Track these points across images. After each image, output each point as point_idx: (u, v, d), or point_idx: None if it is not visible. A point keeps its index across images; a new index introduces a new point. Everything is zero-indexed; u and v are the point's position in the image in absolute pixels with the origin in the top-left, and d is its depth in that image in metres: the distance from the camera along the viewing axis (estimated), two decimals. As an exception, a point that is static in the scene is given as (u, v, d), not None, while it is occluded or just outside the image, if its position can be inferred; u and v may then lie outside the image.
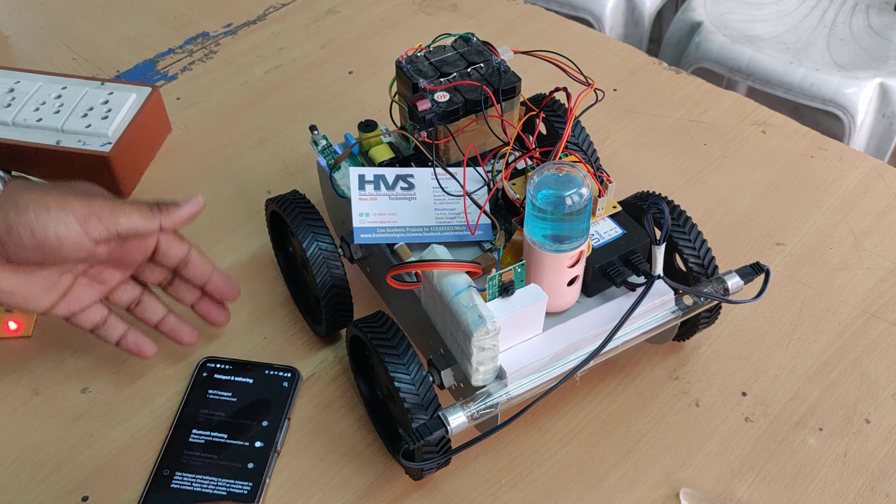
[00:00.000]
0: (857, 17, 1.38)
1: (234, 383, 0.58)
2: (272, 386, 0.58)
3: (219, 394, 0.58)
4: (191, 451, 0.55)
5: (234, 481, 0.53)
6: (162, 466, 0.54)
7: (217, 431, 0.56)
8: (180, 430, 0.56)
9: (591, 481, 0.54)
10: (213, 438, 0.56)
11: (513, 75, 0.58)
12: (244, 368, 0.59)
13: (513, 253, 0.53)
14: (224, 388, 0.58)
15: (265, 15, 0.97)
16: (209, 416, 0.57)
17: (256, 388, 0.58)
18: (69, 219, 0.50)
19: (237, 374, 0.59)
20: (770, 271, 0.53)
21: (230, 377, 0.58)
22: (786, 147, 0.78)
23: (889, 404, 0.58)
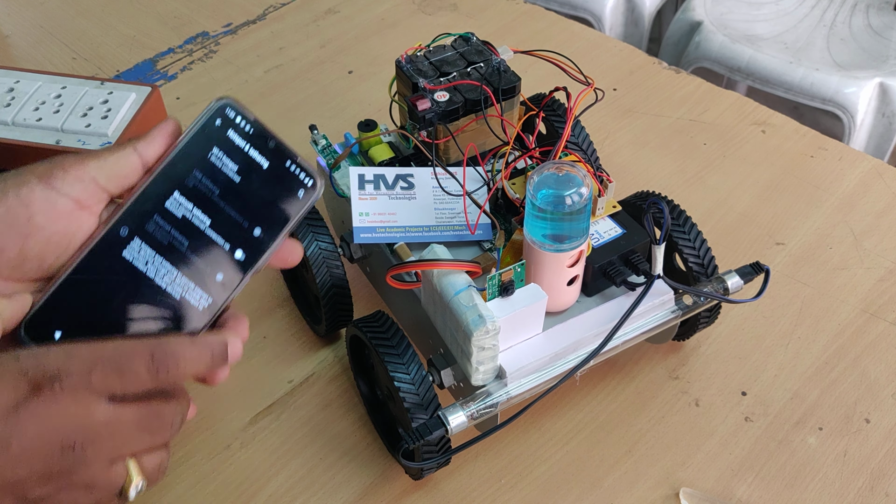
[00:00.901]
0: (856, 17, 1.38)
1: (246, 157, 0.43)
2: (285, 186, 0.43)
3: (222, 160, 0.43)
4: (164, 218, 0.42)
5: (194, 287, 0.42)
6: (123, 222, 0.41)
7: (201, 210, 0.42)
8: (164, 183, 0.42)
9: (590, 481, 0.54)
10: (194, 218, 0.42)
11: (512, 75, 0.58)
12: (264, 142, 0.43)
13: (513, 252, 0.53)
14: (231, 156, 0.43)
15: (265, 14, 0.97)
16: (200, 184, 0.43)
17: (267, 179, 0.43)
18: (29, 179, 0.40)
19: (254, 146, 0.43)
20: (770, 271, 0.53)
21: (245, 145, 0.43)
22: (786, 147, 0.78)
23: (889, 404, 0.58)
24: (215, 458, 0.56)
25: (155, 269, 0.41)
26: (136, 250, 0.41)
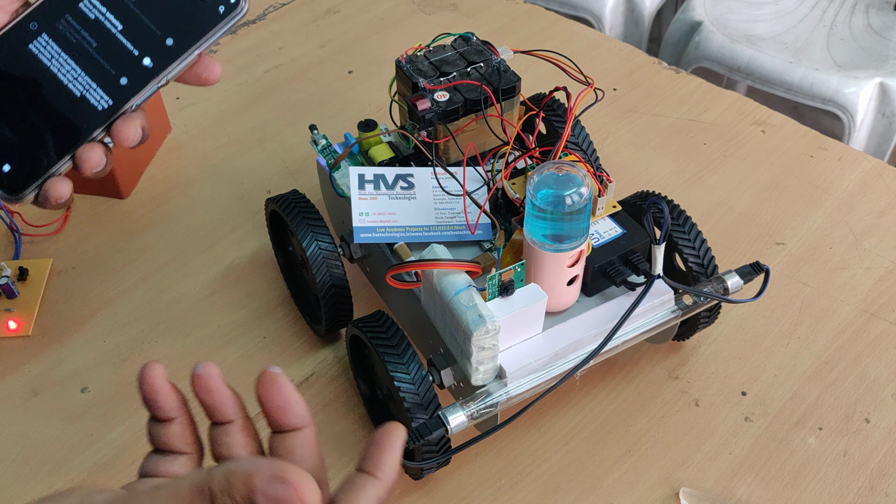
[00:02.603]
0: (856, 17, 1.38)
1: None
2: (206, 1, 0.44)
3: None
4: (75, 18, 0.43)
5: (96, 87, 0.43)
6: (33, 18, 0.42)
7: (114, 15, 0.43)
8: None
9: (590, 481, 0.54)
10: (105, 21, 0.43)
11: (512, 75, 0.58)
12: None
13: (512, 252, 0.53)
14: None
15: (265, 14, 0.97)
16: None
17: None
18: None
19: None
20: (770, 271, 0.53)
21: None
22: (785, 147, 0.78)
23: (889, 404, 0.58)
24: (215, 457, 0.56)
25: (59, 65, 0.42)
26: (43, 45, 0.42)
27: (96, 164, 0.42)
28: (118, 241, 0.70)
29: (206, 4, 0.43)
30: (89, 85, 0.42)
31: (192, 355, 0.62)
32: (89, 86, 0.42)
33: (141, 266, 0.68)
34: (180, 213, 0.73)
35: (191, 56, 0.43)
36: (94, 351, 0.62)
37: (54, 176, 0.42)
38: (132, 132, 0.43)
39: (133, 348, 0.63)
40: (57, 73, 0.42)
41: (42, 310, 0.65)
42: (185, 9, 0.43)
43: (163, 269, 0.68)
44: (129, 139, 0.42)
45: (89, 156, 0.42)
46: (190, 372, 0.57)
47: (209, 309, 0.65)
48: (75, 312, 0.65)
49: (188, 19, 0.43)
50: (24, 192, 0.42)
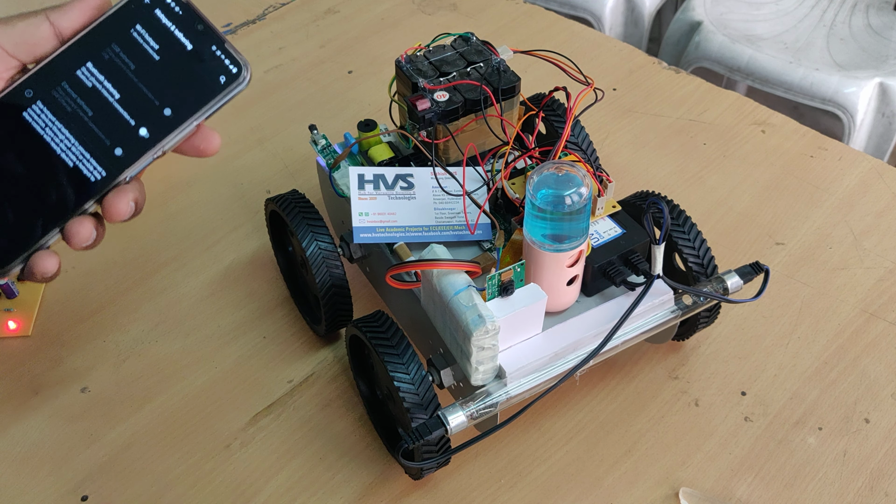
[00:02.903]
0: (856, 17, 1.38)
1: (169, 37, 0.42)
2: (207, 70, 0.43)
3: (144, 38, 0.42)
4: (71, 86, 0.42)
5: (89, 158, 0.41)
6: (29, 84, 0.41)
7: (112, 83, 0.42)
8: (79, 53, 0.42)
9: (590, 481, 0.54)
10: (103, 90, 0.42)
11: (512, 75, 0.58)
12: (192, 24, 0.42)
13: (512, 252, 0.53)
14: (155, 35, 0.42)
15: (264, 14, 0.97)
16: (116, 58, 0.42)
17: (189, 61, 0.42)
18: None
19: (181, 27, 0.42)
20: (769, 271, 0.53)
21: (171, 25, 0.42)
22: (785, 147, 0.78)
23: (888, 404, 0.58)
24: (215, 458, 0.56)
25: (53, 133, 0.41)
26: (37, 113, 0.41)
27: (85, 238, 0.41)
28: (118, 241, 0.70)
29: (207, 74, 0.42)
30: (83, 155, 0.41)
31: (192, 355, 0.62)
32: (83, 156, 0.41)
33: (141, 266, 0.68)
34: (180, 213, 0.73)
35: (189, 127, 0.42)
36: (94, 351, 0.62)
37: (41, 249, 0.41)
38: (124, 206, 0.41)
39: (133, 348, 0.63)
40: (50, 141, 0.41)
41: (42, 310, 0.65)
42: (185, 79, 0.42)
43: (163, 269, 0.68)
44: (120, 213, 0.41)
45: (78, 230, 0.41)
46: (189, 374, 0.56)
47: (209, 309, 0.65)
48: (75, 312, 0.65)
49: (188, 89, 0.42)
50: (8, 266, 0.41)
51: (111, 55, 0.42)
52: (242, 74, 0.42)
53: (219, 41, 0.42)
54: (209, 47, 0.42)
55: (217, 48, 0.42)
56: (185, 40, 0.42)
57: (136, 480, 0.55)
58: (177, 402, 0.59)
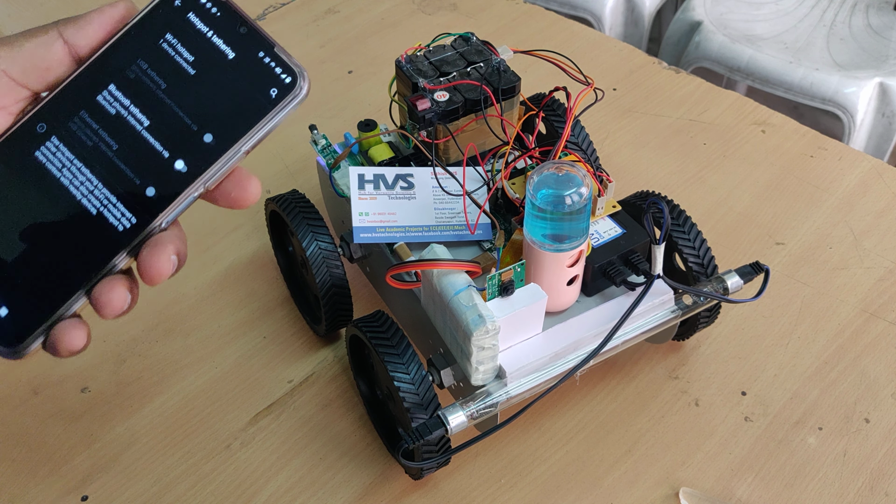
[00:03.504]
0: (856, 17, 1.38)
1: (207, 45, 0.35)
2: (254, 83, 0.35)
3: (176, 48, 0.35)
4: (92, 115, 0.35)
5: (116, 202, 0.34)
6: (41, 117, 0.35)
7: (140, 108, 0.35)
8: (99, 74, 0.35)
9: (590, 480, 0.54)
10: (129, 117, 0.35)
11: (512, 75, 0.58)
12: (233, 26, 0.35)
13: (512, 252, 0.53)
14: (188, 44, 0.35)
15: (264, 14, 0.97)
16: (143, 76, 0.35)
17: (231, 73, 0.35)
18: None
19: (219, 31, 0.35)
20: (769, 271, 0.53)
21: (207, 30, 0.35)
22: (785, 147, 0.78)
23: (888, 403, 0.58)
24: (215, 458, 0.56)
25: (71, 175, 0.34)
26: (52, 151, 0.34)
27: (118, 306, 0.33)
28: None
29: (254, 88, 0.34)
30: (108, 199, 0.34)
31: (192, 355, 0.62)
32: (108, 200, 0.34)
33: (141, 266, 0.68)
34: (180, 213, 0.73)
35: (236, 155, 0.34)
36: (94, 351, 0.62)
37: (64, 319, 0.34)
38: (164, 263, 0.33)
39: (133, 348, 0.63)
40: (69, 185, 0.34)
41: (42, 310, 0.65)
42: (228, 95, 0.35)
43: (163, 269, 0.68)
44: (160, 272, 0.33)
45: (109, 297, 0.33)
46: (189, 374, 0.55)
47: (209, 309, 0.65)
48: (75, 312, 0.65)
49: (232, 108, 0.34)
50: (25, 342, 0.33)
51: (138, 73, 0.35)
52: (298, 84, 0.35)
53: (267, 45, 0.35)
54: (255, 54, 0.35)
55: (265, 54, 0.35)
56: (226, 47, 0.35)
57: (136, 480, 0.55)
58: (177, 402, 0.59)
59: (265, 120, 0.34)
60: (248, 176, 0.35)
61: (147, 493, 0.55)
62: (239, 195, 0.35)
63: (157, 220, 0.34)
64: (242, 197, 0.35)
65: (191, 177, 0.34)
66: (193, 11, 0.35)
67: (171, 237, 0.34)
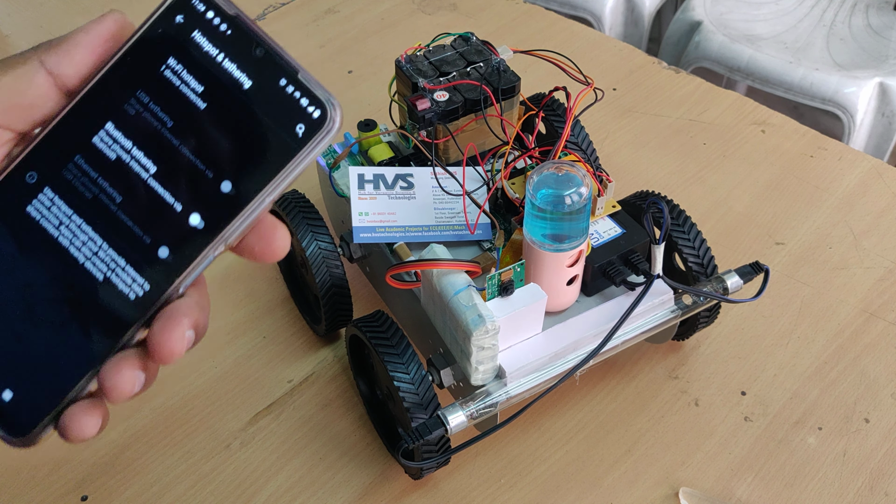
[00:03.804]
0: (856, 17, 1.38)
1: (217, 72, 0.29)
2: (277, 117, 0.29)
3: (182, 77, 0.29)
4: (89, 161, 0.29)
5: (124, 266, 0.29)
6: (30, 166, 0.29)
7: (144, 151, 0.29)
8: (93, 111, 0.30)
9: (590, 480, 0.54)
10: (132, 162, 0.29)
11: (512, 74, 0.58)
12: (248, 48, 0.29)
13: (512, 252, 0.53)
14: (195, 71, 0.29)
15: (264, 14, 0.97)
16: (145, 112, 0.29)
17: (249, 106, 0.29)
18: None
19: (232, 55, 0.29)
20: (769, 270, 0.53)
21: (217, 53, 0.29)
22: (785, 146, 0.78)
23: (888, 403, 0.58)
24: (215, 457, 0.56)
25: (70, 234, 0.29)
26: (45, 206, 0.29)
27: (128, 389, 0.28)
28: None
29: (277, 123, 0.29)
30: (114, 262, 0.29)
31: (191, 355, 0.62)
32: (114, 263, 0.29)
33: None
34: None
35: (260, 205, 0.29)
36: (94, 351, 0.62)
37: (75, 402, 0.29)
38: (177, 340, 0.28)
39: (133, 348, 0.62)
40: (68, 245, 0.29)
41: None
42: (247, 134, 0.29)
43: (163, 269, 0.68)
44: (173, 349, 0.28)
45: (116, 379, 0.28)
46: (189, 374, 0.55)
47: (209, 309, 0.65)
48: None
49: (252, 150, 0.29)
50: (33, 432, 0.30)
51: (138, 109, 0.29)
52: (329, 116, 0.29)
53: (290, 71, 0.29)
54: (276, 82, 0.29)
55: (288, 82, 0.29)
56: (241, 74, 0.29)
57: (136, 480, 0.55)
58: (177, 402, 0.59)
59: (292, 163, 0.29)
60: (274, 225, 0.29)
61: (147, 492, 0.55)
62: (264, 250, 0.29)
63: (172, 286, 0.29)
64: (268, 252, 0.29)
65: (209, 234, 0.29)
66: (200, 30, 0.29)
67: (189, 306, 0.29)
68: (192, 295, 0.29)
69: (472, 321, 0.46)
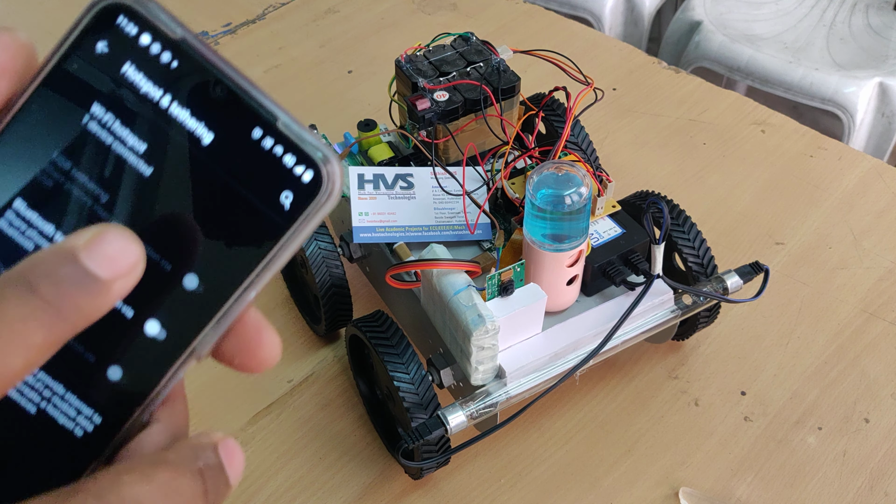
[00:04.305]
0: (856, 17, 1.38)
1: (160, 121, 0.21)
2: (254, 185, 0.21)
3: (113, 131, 0.21)
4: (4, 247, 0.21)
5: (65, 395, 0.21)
6: None
7: None
8: None
9: (590, 480, 0.54)
10: None
11: (512, 74, 0.58)
12: (205, 86, 0.21)
13: (512, 252, 0.53)
14: (131, 124, 0.21)
15: (264, 14, 0.97)
16: (67, 183, 0.21)
17: (214, 168, 0.21)
18: None
19: (182, 97, 0.21)
20: (769, 270, 0.53)
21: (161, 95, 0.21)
22: (785, 146, 0.78)
23: (888, 403, 0.58)
24: (215, 457, 0.56)
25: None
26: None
27: None
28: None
29: (255, 195, 0.21)
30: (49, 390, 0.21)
31: (191, 355, 0.62)
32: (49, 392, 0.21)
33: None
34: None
35: (239, 305, 0.22)
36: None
37: None
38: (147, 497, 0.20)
39: (133, 348, 0.62)
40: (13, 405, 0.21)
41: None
42: (215, 210, 0.21)
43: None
44: None
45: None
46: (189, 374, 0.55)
47: (209, 309, 0.65)
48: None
49: (223, 231, 0.21)
50: None
51: (57, 179, 0.21)
52: (326, 181, 0.21)
53: (265, 117, 0.21)
54: (247, 133, 0.21)
55: (265, 132, 0.21)
56: (196, 125, 0.21)
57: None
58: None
59: (279, 246, 0.21)
60: (259, 329, 0.23)
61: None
62: (246, 361, 0.23)
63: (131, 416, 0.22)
64: (252, 363, 0.23)
65: (173, 346, 0.22)
66: (133, 63, 0.21)
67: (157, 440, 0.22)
68: (161, 419, 0.22)
69: (472, 321, 0.46)
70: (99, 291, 0.19)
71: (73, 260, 0.18)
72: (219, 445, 0.21)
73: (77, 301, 0.18)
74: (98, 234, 0.19)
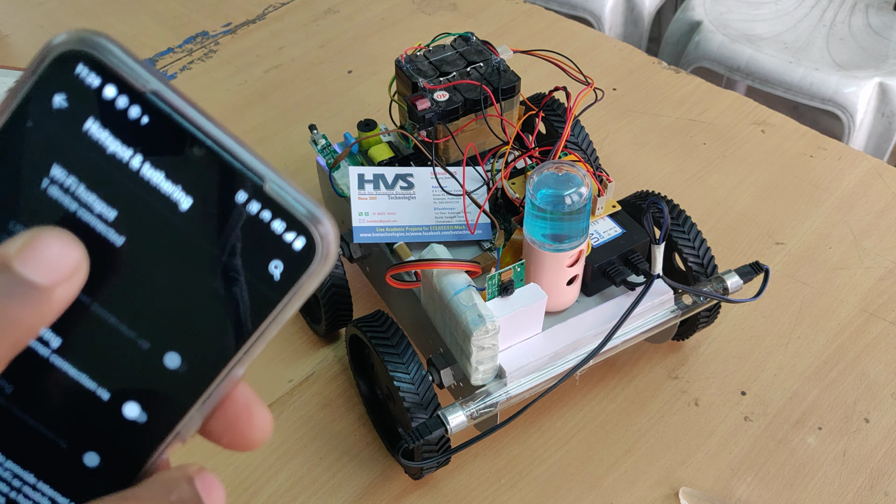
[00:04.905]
0: (856, 17, 1.38)
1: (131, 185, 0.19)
2: (239, 255, 0.19)
3: (78, 198, 0.19)
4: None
5: (36, 485, 0.20)
6: None
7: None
8: None
9: (590, 480, 0.54)
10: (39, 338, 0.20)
11: (512, 74, 0.58)
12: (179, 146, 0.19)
13: (512, 252, 0.53)
14: (98, 188, 0.19)
15: (264, 14, 0.97)
16: None
17: (192, 234, 0.19)
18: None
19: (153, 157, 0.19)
20: (769, 270, 0.53)
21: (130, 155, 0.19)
22: (785, 146, 0.78)
23: (888, 403, 0.58)
24: (215, 458, 0.56)
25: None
26: None
27: None
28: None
29: (242, 266, 0.19)
30: (18, 479, 0.20)
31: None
32: (19, 481, 0.20)
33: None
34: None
35: (226, 383, 0.20)
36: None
37: None
38: None
39: (133, 348, 0.62)
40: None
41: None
42: (197, 282, 0.19)
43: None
44: None
45: None
46: None
47: (209, 309, 0.65)
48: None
49: (207, 305, 0.19)
50: None
51: None
52: (317, 248, 0.19)
53: (249, 178, 0.19)
54: (230, 197, 0.19)
55: (249, 195, 0.19)
56: (172, 189, 0.19)
57: (136, 480, 0.55)
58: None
59: (269, 318, 0.19)
60: (249, 406, 0.21)
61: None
62: (236, 440, 0.22)
63: None
64: (241, 442, 0.22)
65: (153, 430, 0.20)
66: (95, 120, 0.19)
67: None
68: None
69: (472, 321, 0.46)
70: (39, 300, 0.17)
71: (4, 269, 0.17)
72: (195, 478, 0.20)
73: (13, 313, 0.17)
74: (32, 238, 0.17)
